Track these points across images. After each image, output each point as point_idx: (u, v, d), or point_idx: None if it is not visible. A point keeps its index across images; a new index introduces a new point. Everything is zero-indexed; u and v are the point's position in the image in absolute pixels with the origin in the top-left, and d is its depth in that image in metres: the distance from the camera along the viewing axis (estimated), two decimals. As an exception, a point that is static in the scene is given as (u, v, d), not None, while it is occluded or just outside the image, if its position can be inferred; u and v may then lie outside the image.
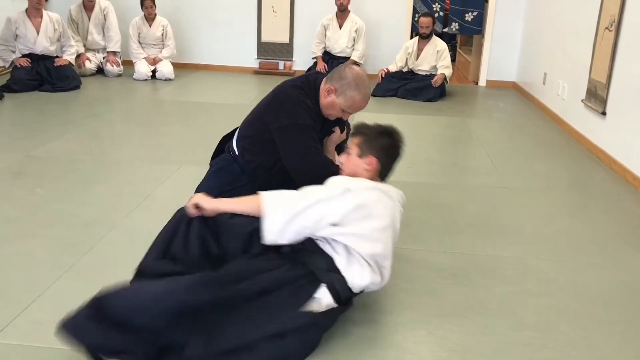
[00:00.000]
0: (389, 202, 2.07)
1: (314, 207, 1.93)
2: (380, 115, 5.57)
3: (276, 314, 1.85)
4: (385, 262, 2.06)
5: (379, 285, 2.08)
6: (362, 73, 2.47)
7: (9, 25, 6.05)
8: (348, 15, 6.88)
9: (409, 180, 3.73)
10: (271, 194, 2.00)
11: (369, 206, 1.98)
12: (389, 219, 2.03)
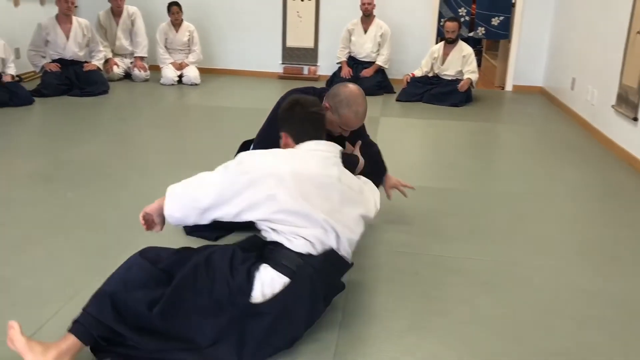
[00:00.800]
0: (281, 158, 2.02)
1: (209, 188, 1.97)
2: (405, 120, 5.56)
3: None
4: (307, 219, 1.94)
5: (336, 242, 1.99)
6: (355, 91, 2.47)
7: (39, 31, 6.16)
8: (373, 20, 6.87)
9: (436, 185, 3.71)
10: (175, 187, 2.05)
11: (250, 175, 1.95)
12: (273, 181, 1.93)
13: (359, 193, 2.17)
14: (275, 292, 1.86)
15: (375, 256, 2.70)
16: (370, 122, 5.31)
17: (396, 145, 4.71)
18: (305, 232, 1.94)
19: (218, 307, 1.83)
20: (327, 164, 2.07)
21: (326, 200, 1.99)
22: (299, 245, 1.93)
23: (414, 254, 2.74)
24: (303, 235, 1.94)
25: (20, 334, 1.77)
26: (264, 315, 1.84)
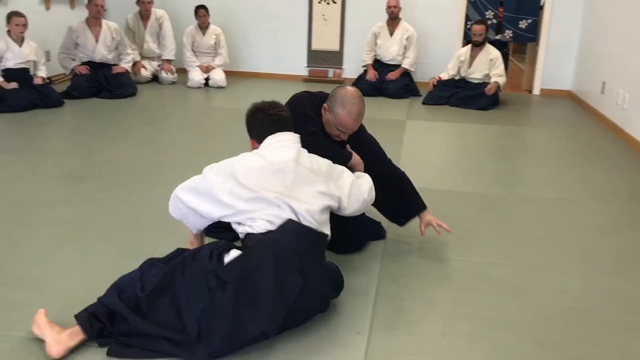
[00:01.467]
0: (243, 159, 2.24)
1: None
2: (431, 123, 5.53)
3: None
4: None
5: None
6: (352, 92, 2.53)
7: (70, 34, 6.26)
8: (399, 23, 6.85)
9: (464, 190, 3.68)
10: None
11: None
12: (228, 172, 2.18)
13: (320, 174, 2.25)
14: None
15: (403, 261, 2.69)
16: (397, 125, 5.32)
17: (423, 149, 4.69)
18: (262, 214, 2.10)
19: (200, 292, 1.97)
20: (282, 151, 2.24)
21: (280, 183, 2.15)
22: (259, 227, 2.09)
23: (443, 259, 2.72)
24: (261, 217, 2.10)
25: (44, 317, 2.00)
26: (227, 285, 1.93)
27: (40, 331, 1.98)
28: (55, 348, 1.92)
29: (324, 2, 7.40)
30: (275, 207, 2.11)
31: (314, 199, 2.17)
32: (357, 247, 2.76)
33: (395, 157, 4.27)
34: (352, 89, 2.57)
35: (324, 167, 2.31)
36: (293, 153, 2.23)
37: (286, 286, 1.96)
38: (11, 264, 2.55)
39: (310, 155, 2.31)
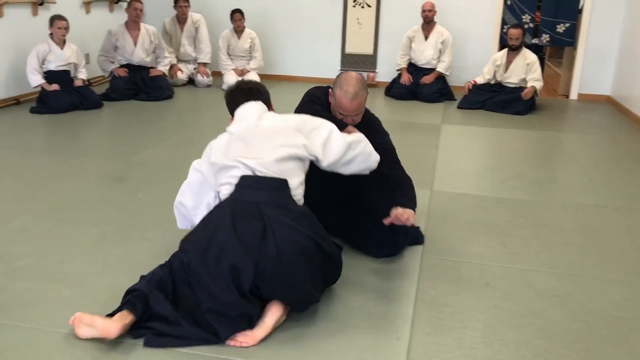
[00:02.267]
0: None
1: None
2: (467, 127, 5.48)
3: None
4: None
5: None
6: (352, 74, 2.61)
7: (109, 37, 6.39)
8: (434, 26, 6.81)
9: (503, 195, 3.63)
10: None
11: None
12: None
13: (285, 130, 2.32)
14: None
15: (442, 266, 2.67)
16: (432, 130, 5.29)
17: (459, 153, 4.65)
18: (224, 180, 2.25)
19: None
20: (245, 120, 2.37)
21: (238, 148, 2.27)
22: (225, 192, 2.24)
23: (483, 265, 2.69)
24: (223, 183, 2.25)
25: (85, 313, 2.06)
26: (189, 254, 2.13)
27: (89, 323, 2.02)
28: (112, 326, 1.98)
29: (358, 6, 7.40)
30: (234, 169, 2.23)
31: (270, 151, 2.24)
32: (395, 252, 2.75)
33: (431, 162, 4.27)
34: (354, 73, 2.63)
35: (293, 122, 2.37)
36: (253, 118, 2.35)
37: (245, 233, 2.06)
38: (59, 263, 2.61)
39: (280, 115, 2.41)
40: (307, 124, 2.38)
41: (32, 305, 2.26)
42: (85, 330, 2.03)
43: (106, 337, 1.99)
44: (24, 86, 5.85)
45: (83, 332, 2.03)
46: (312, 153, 2.32)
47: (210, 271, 2.05)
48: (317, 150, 2.32)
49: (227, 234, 2.06)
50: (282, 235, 2.07)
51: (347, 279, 2.50)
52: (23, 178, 3.76)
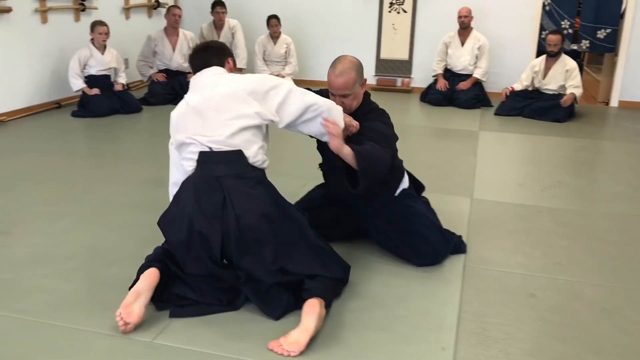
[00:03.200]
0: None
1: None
2: (505, 134, 5.41)
3: None
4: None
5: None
6: (346, 56, 2.61)
7: (148, 43, 6.49)
8: (470, 32, 6.75)
9: (545, 204, 3.57)
10: None
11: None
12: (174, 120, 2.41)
13: (240, 96, 2.30)
14: None
15: (486, 276, 2.63)
16: (469, 136, 5.23)
17: (498, 161, 4.60)
18: (187, 154, 2.34)
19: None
20: (200, 89, 2.37)
21: (196, 121, 2.31)
22: (189, 167, 2.34)
23: (527, 275, 2.64)
24: (188, 157, 2.33)
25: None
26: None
27: (132, 298, 2.14)
28: (144, 279, 2.20)
29: (394, 12, 7.39)
30: (191, 145, 2.32)
31: (223, 128, 2.29)
32: (437, 261, 2.72)
33: (471, 169, 4.22)
34: (349, 56, 2.62)
35: (251, 84, 2.34)
36: (208, 89, 2.34)
37: (208, 206, 2.21)
38: (103, 265, 2.65)
39: (238, 76, 2.39)
40: (266, 83, 2.37)
41: (79, 306, 2.30)
42: (138, 304, 2.14)
43: (143, 288, 2.16)
44: (66, 90, 5.98)
45: (137, 309, 2.13)
46: (266, 118, 2.34)
47: (185, 244, 2.24)
48: (271, 113, 2.34)
49: (192, 209, 2.22)
50: (241, 205, 2.21)
51: (391, 287, 2.49)
52: (66, 181, 3.84)
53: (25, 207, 3.34)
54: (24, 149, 4.55)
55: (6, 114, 5.39)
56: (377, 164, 2.39)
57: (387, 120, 2.69)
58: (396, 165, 2.76)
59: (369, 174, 2.38)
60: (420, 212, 2.77)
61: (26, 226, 3.08)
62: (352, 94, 2.57)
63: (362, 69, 2.64)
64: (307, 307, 2.12)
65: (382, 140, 2.50)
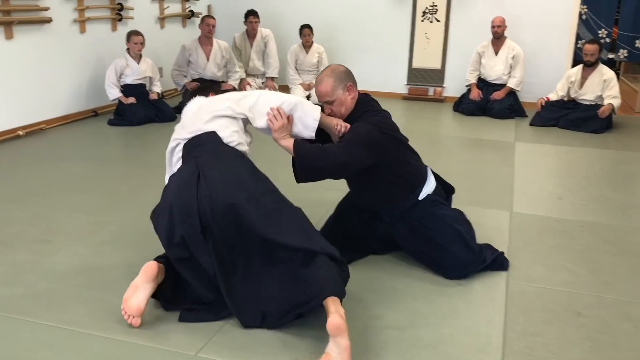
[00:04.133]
0: None
1: None
2: (541, 145, 5.33)
3: None
4: None
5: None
6: (330, 65, 2.77)
7: (183, 52, 6.56)
8: (504, 41, 6.68)
9: (586, 219, 3.50)
10: None
11: None
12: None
13: (215, 107, 2.55)
14: None
15: (530, 293, 2.58)
16: (506, 147, 5.16)
17: (536, 173, 4.52)
18: (176, 157, 2.54)
19: None
20: (185, 115, 2.71)
21: (178, 130, 2.61)
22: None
23: (573, 293, 2.58)
24: (177, 158, 2.53)
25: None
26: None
27: (132, 291, 2.26)
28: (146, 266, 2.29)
29: (427, 21, 7.35)
30: (177, 147, 2.54)
31: (198, 122, 2.51)
32: (462, 275, 2.67)
33: (509, 181, 4.16)
34: (334, 64, 2.74)
35: (226, 100, 2.60)
36: (190, 112, 2.66)
37: (184, 183, 2.31)
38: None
39: (217, 98, 2.68)
40: (238, 97, 2.64)
41: (121, 318, 2.30)
42: (135, 295, 2.23)
43: (140, 281, 2.25)
44: (102, 98, 6.07)
45: (136, 302, 2.22)
46: (239, 112, 2.54)
47: (167, 230, 2.30)
48: (244, 110, 2.54)
49: (172, 195, 2.31)
50: (212, 175, 2.29)
51: (434, 303, 2.46)
52: (105, 189, 3.89)
53: (66, 216, 3.39)
54: (63, 157, 4.63)
55: (45, 122, 5.50)
56: (312, 160, 2.52)
57: (374, 120, 2.64)
58: (412, 167, 2.77)
59: (303, 168, 2.53)
60: (444, 221, 2.73)
61: (68, 235, 3.12)
62: (335, 100, 2.65)
63: (346, 75, 2.69)
64: (333, 326, 1.97)
65: (349, 140, 2.57)
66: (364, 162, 2.58)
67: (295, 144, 2.53)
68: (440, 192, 2.89)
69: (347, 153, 2.54)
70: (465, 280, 2.65)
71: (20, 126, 5.23)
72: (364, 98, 2.78)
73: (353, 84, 2.70)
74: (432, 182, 2.84)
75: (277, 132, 2.54)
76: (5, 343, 2.16)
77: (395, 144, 2.70)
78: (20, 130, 5.18)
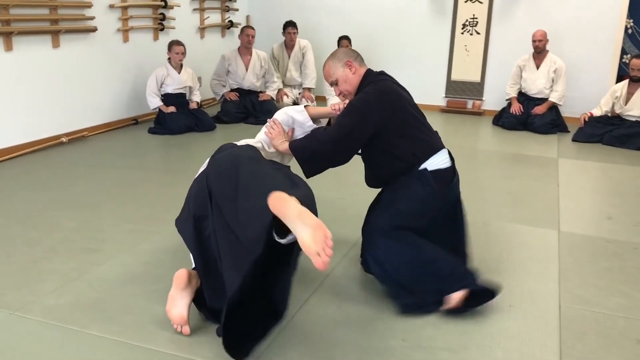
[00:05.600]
0: None
1: None
2: (585, 162, 5.21)
3: None
4: None
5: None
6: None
7: (222, 62, 6.61)
8: (546, 55, 6.56)
9: (638, 240, 3.39)
10: None
11: None
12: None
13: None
14: None
15: (584, 318, 2.50)
16: (548, 164, 5.06)
17: (583, 191, 4.41)
18: None
19: None
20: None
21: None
22: None
23: (632, 319, 2.49)
24: None
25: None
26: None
27: (170, 302, 2.30)
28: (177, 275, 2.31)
29: (467, 33, 7.28)
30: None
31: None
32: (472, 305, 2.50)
33: (554, 199, 4.07)
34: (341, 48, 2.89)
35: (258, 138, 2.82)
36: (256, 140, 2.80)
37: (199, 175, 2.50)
38: (190, 287, 2.66)
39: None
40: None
41: (170, 329, 2.30)
42: (175, 305, 2.28)
43: (175, 292, 2.29)
44: (142, 107, 6.15)
45: (178, 312, 2.27)
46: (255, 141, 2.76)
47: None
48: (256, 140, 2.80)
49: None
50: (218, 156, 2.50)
51: (485, 324, 2.40)
52: (148, 198, 3.91)
53: (113, 225, 3.41)
54: (105, 165, 4.68)
55: (88, 130, 5.58)
56: (304, 148, 2.60)
57: (369, 89, 2.63)
58: (417, 141, 2.60)
59: (302, 160, 2.61)
60: (408, 196, 2.58)
61: (115, 244, 3.14)
62: (337, 79, 2.73)
63: (344, 54, 2.76)
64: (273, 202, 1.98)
65: (339, 114, 2.61)
66: (356, 133, 2.54)
67: (290, 143, 2.64)
68: (440, 175, 2.61)
69: (335, 128, 2.55)
70: (515, 300, 2.59)
71: (63, 133, 5.33)
72: (370, 72, 2.76)
73: (353, 59, 2.74)
74: (437, 160, 2.61)
75: (275, 139, 2.70)
76: (54, 353, 2.16)
77: (392, 109, 2.56)
78: (64, 137, 5.27)
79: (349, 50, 2.82)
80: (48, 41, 5.11)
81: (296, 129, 2.81)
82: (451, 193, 2.66)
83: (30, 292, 2.60)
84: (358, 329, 2.34)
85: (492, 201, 4.02)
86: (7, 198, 3.85)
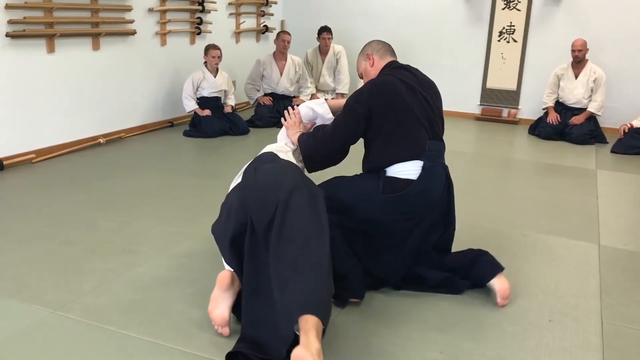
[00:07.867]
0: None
1: None
2: (622, 174, 5.10)
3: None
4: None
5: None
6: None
7: (257, 66, 6.65)
8: (585, 64, 6.44)
9: (683, 257, 3.29)
10: None
11: None
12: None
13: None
14: None
15: (628, 336, 2.43)
16: (587, 175, 4.96)
17: (622, 204, 4.31)
18: None
19: None
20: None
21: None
22: None
23: (677, 339, 2.42)
24: None
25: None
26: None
27: (213, 303, 2.30)
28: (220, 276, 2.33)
29: (503, 41, 7.19)
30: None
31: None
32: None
33: (593, 212, 3.98)
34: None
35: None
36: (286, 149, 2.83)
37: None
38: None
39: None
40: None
41: (207, 332, 2.31)
42: (217, 306, 2.29)
43: (218, 293, 2.30)
44: (178, 110, 6.22)
45: (220, 313, 2.28)
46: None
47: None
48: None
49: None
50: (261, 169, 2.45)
51: (523, 339, 2.35)
52: (184, 200, 3.95)
53: (149, 226, 3.45)
54: (142, 167, 4.74)
55: (124, 131, 5.67)
56: (310, 150, 2.68)
57: (369, 82, 2.70)
58: (404, 139, 2.60)
59: (308, 158, 2.70)
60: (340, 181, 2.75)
61: (151, 246, 3.17)
62: (362, 72, 2.85)
63: (368, 46, 2.85)
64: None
65: (341, 112, 2.65)
66: (349, 130, 2.59)
67: (299, 136, 2.75)
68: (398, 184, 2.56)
69: (331, 127, 2.63)
70: (555, 315, 2.53)
71: (101, 134, 5.42)
72: (390, 64, 2.76)
73: (374, 52, 2.79)
74: (403, 169, 2.56)
75: (290, 128, 2.83)
76: (94, 353, 2.19)
77: (378, 104, 2.56)
78: (101, 138, 5.36)
79: (376, 42, 2.86)
80: (89, 43, 5.20)
81: (318, 122, 2.90)
82: (413, 203, 2.57)
83: (69, 291, 2.64)
84: (395, 340, 2.32)
85: (529, 212, 3.95)
86: (47, 197, 3.93)
